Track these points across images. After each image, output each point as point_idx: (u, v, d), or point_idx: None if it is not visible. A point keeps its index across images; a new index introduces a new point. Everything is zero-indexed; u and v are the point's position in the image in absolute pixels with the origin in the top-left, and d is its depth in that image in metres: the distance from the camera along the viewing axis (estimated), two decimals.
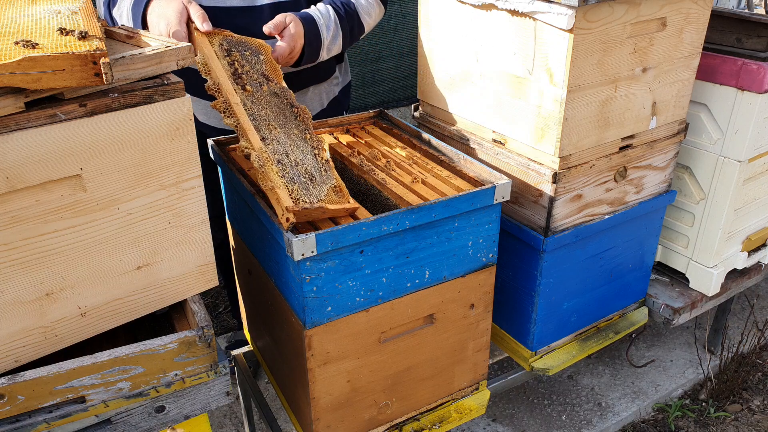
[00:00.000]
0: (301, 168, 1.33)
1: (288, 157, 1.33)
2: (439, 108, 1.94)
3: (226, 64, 1.40)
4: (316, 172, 1.34)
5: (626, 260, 1.98)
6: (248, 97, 1.38)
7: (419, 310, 1.50)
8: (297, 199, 1.26)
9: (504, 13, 1.59)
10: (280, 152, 1.32)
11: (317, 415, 1.47)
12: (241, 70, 1.41)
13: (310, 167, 1.34)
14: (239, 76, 1.40)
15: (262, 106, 1.39)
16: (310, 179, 1.32)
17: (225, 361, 1.28)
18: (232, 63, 1.41)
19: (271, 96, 1.42)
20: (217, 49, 1.42)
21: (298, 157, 1.34)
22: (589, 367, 2.61)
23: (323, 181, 1.34)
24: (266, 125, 1.36)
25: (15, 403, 1.08)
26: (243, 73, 1.40)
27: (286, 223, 1.24)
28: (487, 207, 1.46)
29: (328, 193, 1.32)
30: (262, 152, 1.29)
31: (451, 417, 1.69)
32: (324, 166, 1.37)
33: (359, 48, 3.33)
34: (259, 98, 1.40)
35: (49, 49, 0.96)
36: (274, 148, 1.32)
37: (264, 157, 1.28)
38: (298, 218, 1.25)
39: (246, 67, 1.43)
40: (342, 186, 1.37)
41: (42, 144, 1.02)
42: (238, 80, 1.39)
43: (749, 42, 1.99)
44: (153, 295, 1.26)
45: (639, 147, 1.77)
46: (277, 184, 1.26)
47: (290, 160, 1.32)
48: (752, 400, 2.48)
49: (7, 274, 1.06)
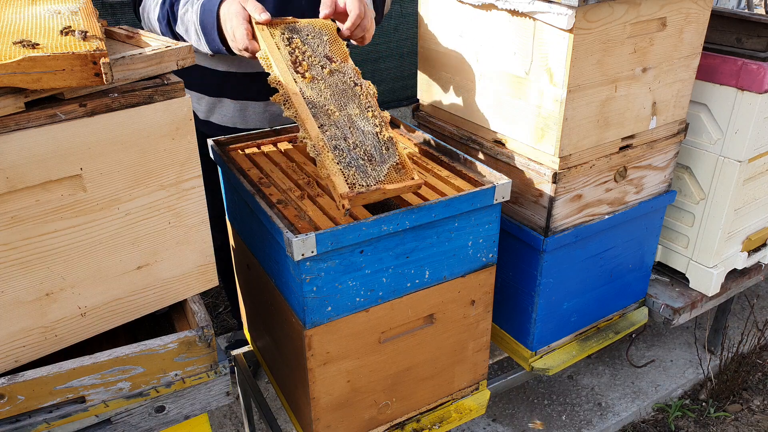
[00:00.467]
0: (360, 150, 1.33)
1: (346, 141, 1.33)
2: (439, 108, 1.94)
3: (286, 53, 1.41)
4: (376, 152, 1.34)
5: (626, 260, 1.98)
6: (308, 84, 1.38)
7: (419, 310, 1.50)
8: (353, 184, 1.26)
9: (504, 13, 1.59)
10: (338, 137, 1.33)
11: (317, 415, 1.47)
12: (302, 57, 1.42)
13: (369, 148, 1.34)
14: (300, 63, 1.41)
15: (322, 91, 1.39)
16: (369, 160, 1.32)
17: (225, 361, 1.28)
18: (293, 51, 1.43)
19: (332, 78, 1.42)
20: (278, 40, 1.43)
21: (357, 139, 1.34)
22: (589, 367, 2.61)
23: (383, 160, 1.33)
24: (324, 111, 1.36)
25: (15, 403, 1.08)
26: (304, 60, 1.41)
27: (342, 210, 1.25)
28: (487, 207, 1.46)
29: (388, 173, 1.32)
30: (318, 140, 1.30)
31: (451, 417, 1.69)
32: (386, 144, 1.37)
33: (359, 48, 3.32)
34: (319, 83, 1.40)
35: (49, 49, 0.96)
36: (332, 133, 1.33)
37: (320, 145, 1.29)
38: (354, 203, 1.25)
39: (308, 52, 1.43)
40: (405, 162, 1.35)
41: (42, 144, 1.02)
42: (299, 68, 1.40)
43: (749, 42, 1.99)
44: (153, 295, 1.26)
45: (639, 147, 1.77)
46: (332, 171, 1.26)
47: (348, 144, 1.33)
48: (752, 400, 2.48)
49: (7, 274, 1.06)
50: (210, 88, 1.92)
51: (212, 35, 1.54)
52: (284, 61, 1.40)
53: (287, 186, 1.48)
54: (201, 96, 1.94)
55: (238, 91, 1.90)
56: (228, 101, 1.92)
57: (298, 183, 1.50)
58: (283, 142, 1.74)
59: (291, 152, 1.68)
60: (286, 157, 1.65)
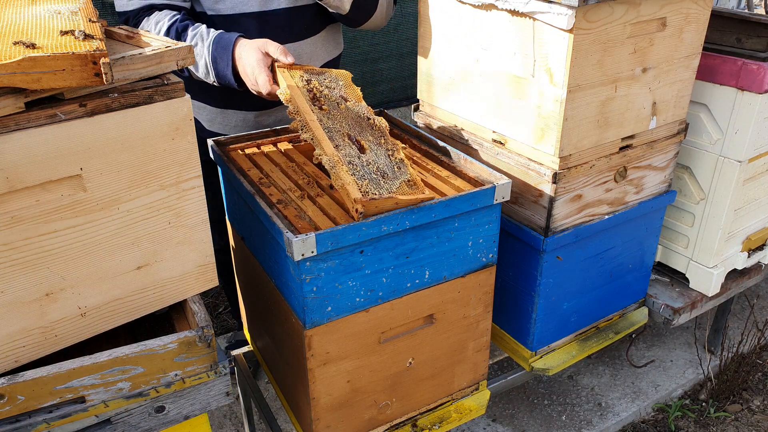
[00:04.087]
0: (373, 167, 1.38)
1: (359, 158, 1.39)
2: (439, 108, 1.94)
3: (305, 91, 1.52)
4: (389, 170, 1.40)
5: (626, 260, 1.98)
6: (324, 114, 1.47)
7: (419, 310, 1.50)
8: (366, 192, 1.30)
9: (504, 13, 1.59)
10: (351, 155, 1.39)
11: (317, 415, 1.47)
12: (319, 95, 1.52)
13: (382, 165, 1.40)
14: (317, 99, 1.51)
15: (338, 120, 1.48)
16: (382, 176, 1.37)
17: (225, 361, 1.28)
18: (311, 90, 1.53)
19: (347, 112, 1.52)
20: (298, 80, 1.54)
21: (370, 158, 1.40)
22: (589, 367, 2.61)
23: (395, 177, 1.39)
24: (340, 135, 1.44)
25: (15, 403, 1.08)
26: (321, 97, 1.52)
27: (356, 215, 1.27)
28: (487, 207, 1.46)
29: (400, 186, 1.36)
30: (333, 155, 1.35)
31: (451, 417, 1.69)
32: (398, 164, 1.43)
33: (359, 48, 3.33)
34: (336, 115, 1.49)
35: (49, 49, 0.96)
36: (346, 152, 1.39)
37: (335, 159, 1.34)
38: (367, 209, 1.28)
39: (325, 92, 1.54)
40: (417, 180, 1.41)
41: (42, 144, 1.02)
42: (316, 102, 1.50)
43: (749, 42, 1.99)
44: (153, 295, 1.26)
45: (639, 147, 1.77)
46: (346, 181, 1.30)
47: (361, 161, 1.38)
48: (752, 400, 2.48)
49: (7, 274, 1.06)
50: (212, 99, 1.93)
51: (224, 72, 1.62)
52: (303, 96, 1.49)
53: (287, 186, 1.49)
54: (204, 106, 1.95)
55: (240, 101, 1.92)
56: (231, 111, 1.94)
57: (298, 183, 1.51)
58: (283, 142, 1.74)
59: (291, 152, 1.68)
60: (286, 157, 1.66)
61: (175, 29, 1.65)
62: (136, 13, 1.71)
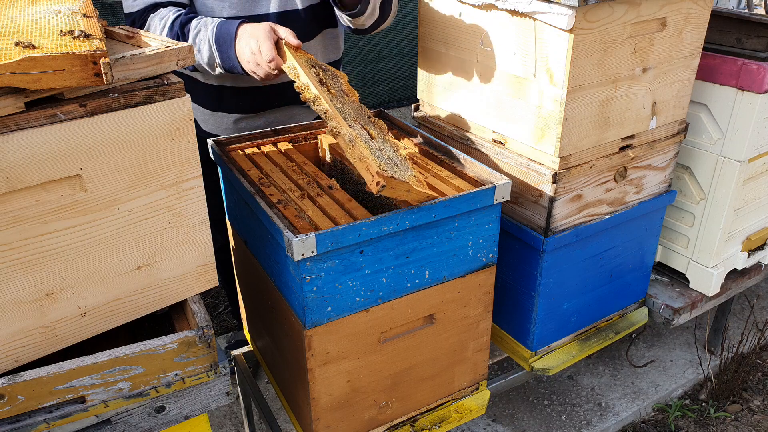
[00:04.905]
0: (384, 153, 1.38)
1: (372, 141, 1.39)
2: (439, 108, 1.94)
3: (312, 73, 1.50)
4: (398, 161, 1.39)
5: (626, 260, 1.98)
6: (333, 97, 1.46)
7: (419, 311, 1.50)
8: (385, 170, 1.29)
9: (504, 13, 1.59)
10: (365, 137, 1.38)
11: (317, 415, 1.47)
12: (324, 80, 1.51)
13: (392, 156, 1.40)
14: (323, 83, 1.50)
15: (347, 105, 1.48)
16: (393, 164, 1.36)
17: (225, 361, 1.28)
18: (317, 74, 1.52)
19: (352, 104, 1.52)
20: (303, 62, 1.52)
21: (380, 146, 1.40)
22: (589, 367, 2.61)
23: (405, 169, 1.38)
24: (351, 117, 1.43)
25: (15, 403, 1.08)
26: (326, 82, 1.51)
27: (377, 187, 1.25)
28: (487, 207, 1.46)
29: (409, 178, 1.36)
30: (351, 132, 1.34)
31: (451, 417, 1.69)
32: (403, 160, 1.42)
33: (359, 48, 3.33)
34: (343, 101, 1.49)
35: (49, 49, 0.96)
36: (359, 133, 1.38)
37: (354, 134, 1.33)
38: (388, 183, 1.26)
39: (328, 81, 1.53)
40: (421, 178, 1.41)
41: (42, 144, 1.02)
42: (324, 85, 1.49)
43: (749, 42, 1.99)
44: (153, 295, 1.26)
45: (639, 147, 1.77)
46: (366, 155, 1.29)
47: (374, 146, 1.38)
48: (752, 400, 2.48)
49: (7, 274, 1.06)
50: (206, 101, 1.94)
51: (228, 52, 1.60)
52: (312, 75, 1.48)
53: (287, 186, 1.49)
54: (202, 109, 1.96)
55: (234, 104, 1.92)
56: (222, 114, 1.94)
57: (298, 183, 1.51)
58: (283, 142, 1.74)
59: (291, 152, 1.68)
60: (286, 157, 1.66)
61: (179, 21, 1.66)
62: (142, 13, 1.72)
